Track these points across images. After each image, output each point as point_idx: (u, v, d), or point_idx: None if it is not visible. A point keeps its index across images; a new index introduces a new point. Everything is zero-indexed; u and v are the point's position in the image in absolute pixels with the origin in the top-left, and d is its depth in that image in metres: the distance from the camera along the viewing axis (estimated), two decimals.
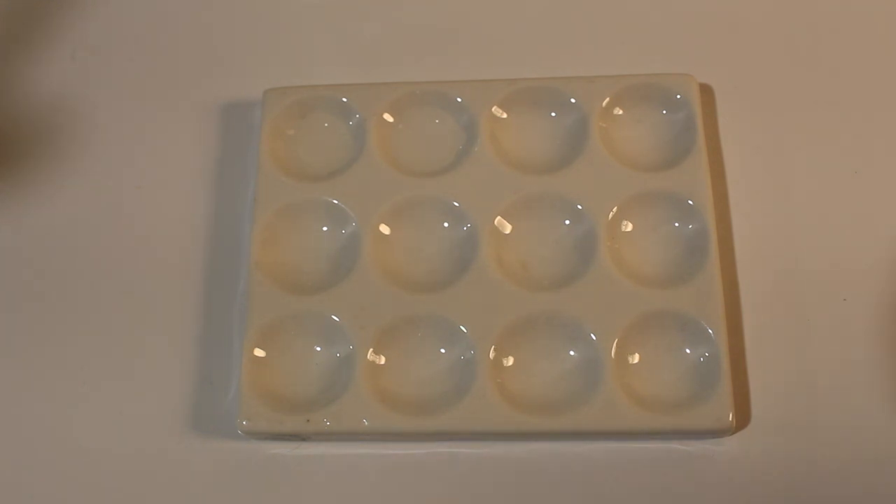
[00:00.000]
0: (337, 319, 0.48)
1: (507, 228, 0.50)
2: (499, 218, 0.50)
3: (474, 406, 0.46)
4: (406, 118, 0.53)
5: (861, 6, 0.55)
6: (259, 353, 0.48)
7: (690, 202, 0.49)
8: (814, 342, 0.48)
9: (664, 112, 0.52)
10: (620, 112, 0.52)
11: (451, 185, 0.50)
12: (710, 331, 0.46)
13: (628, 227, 0.50)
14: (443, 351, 0.48)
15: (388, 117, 0.52)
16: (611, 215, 0.49)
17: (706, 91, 0.53)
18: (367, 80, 0.53)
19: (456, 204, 0.50)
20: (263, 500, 0.47)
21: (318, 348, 0.48)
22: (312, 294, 0.49)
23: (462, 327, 0.47)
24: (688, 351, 0.47)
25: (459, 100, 0.52)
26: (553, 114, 0.52)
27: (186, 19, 0.57)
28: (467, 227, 0.50)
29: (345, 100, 0.53)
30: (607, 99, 0.51)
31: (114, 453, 0.48)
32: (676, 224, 0.50)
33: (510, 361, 0.47)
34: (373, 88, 0.53)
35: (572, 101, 0.52)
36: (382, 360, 0.48)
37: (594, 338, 0.47)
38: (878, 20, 0.55)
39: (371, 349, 0.47)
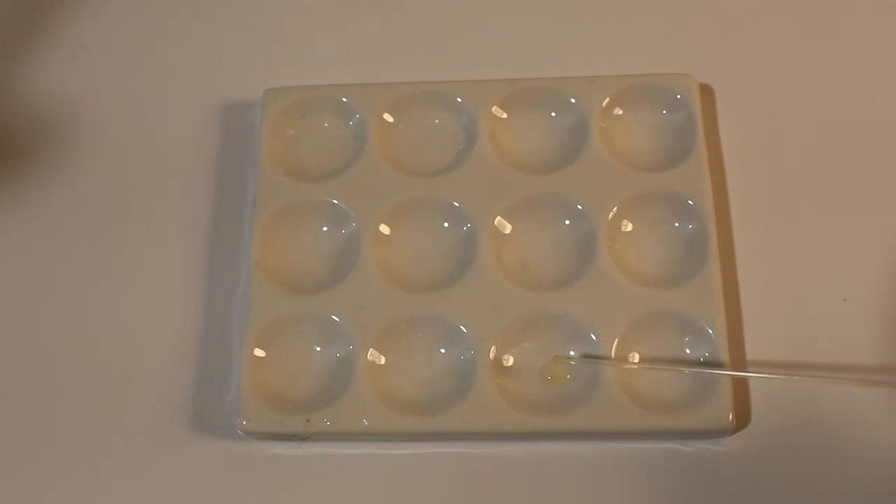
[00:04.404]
0: (337, 319, 0.48)
1: (507, 228, 0.50)
2: (499, 218, 0.50)
3: (474, 406, 0.46)
4: (406, 118, 0.53)
5: (861, 6, 0.55)
6: (259, 353, 0.48)
7: (690, 202, 0.49)
8: (814, 342, 0.48)
9: (664, 112, 0.52)
10: (620, 112, 0.52)
11: (451, 185, 0.50)
12: (710, 331, 0.46)
13: (628, 227, 0.50)
14: (443, 351, 0.48)
15: (388, 117, 0.52)
16: (611, 215, 0.49)
17: (706, 91, 0.53)
18: (367, 80, 0.53)
19: (456, 204, 0.50)
20: (263, 500, 0.47)
21: (318, 348, 0.48)
22: (312, 294, 0.49)
23: (462, 327, 0.47)
24: (688, 351, 0.47)
25: (459, 100, 0.52)
26: (553, 114, 0.52)
27: (186, 19, 0.57)
28: (467, 227, 0.50)
29: (345, 100, 0.53)
30: (607, 99, 0.52)
31: (114, 453, 0.48)
32: (676, 224, 0.50)
33: (510, 361, 0.47)
34: (373, 88, 0.53)
35: (572, 101, 0.52)
36: (382, 360, 0.48)
37: (594, 338, 0.47)
38: (878, 19, 0.55)
39: (371, 349, 0.47)
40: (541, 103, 0.52)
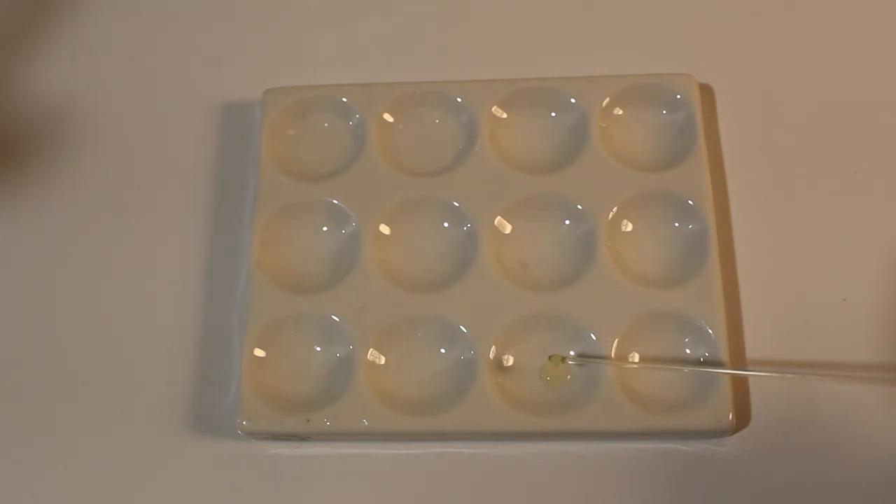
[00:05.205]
0: (337, 319, 0.48)
1: (507, 228, 0.50)
2: (499, 218, 0.50)
3: (474, 406, 0.46)
4: (406, 118, 0.53)
5: (861, 6, 0.55)
6: (259, 353, 0.48)
7: (690, 202, 0.49)
8: (814, 342, 0.48)
9: (664, 112, 0.52)
10: (620, 112, 0.52)
11: (451, 185, 0.50)
12: (710, 331, 0.46)
13: (628, 227, 0.50)
14: (443, 351, 0.48)
15: (388, 117, 0.52)
16: (611, 215, 0.49)
17: (706, 91, 0.53)
18: (367, 80, 0.53)
19: (456, 204, 0.50)
20: (263, 500, 0.47)
21: (318, 348, 0.48)
22: (312, 294, 0.49)
23: (462, 327, 0.47)
24: (688, 351, 0.47)
25: (459, 100, 0.52)
26: (553, 114, 0.52)
27: (186, 19, 0.57)
28: (467, 227, 0.50)
29: (345, 100, 0.53)
30: (607, 99, 0.52)
31: (114, 453, 0.48)
32: (676, 224, 0.50)
33: (510, 361, 0.47)
34: (373, 88, 0.53)
35: (572, 101, 0.52)
36: (382, 360, 0.48)
37: (594, 338, 0.47)
38: (878, 20, 0.55)
39: (371, 349, 0.47)
40: (541, 103, 0.52)
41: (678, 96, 0.51)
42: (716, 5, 0.56)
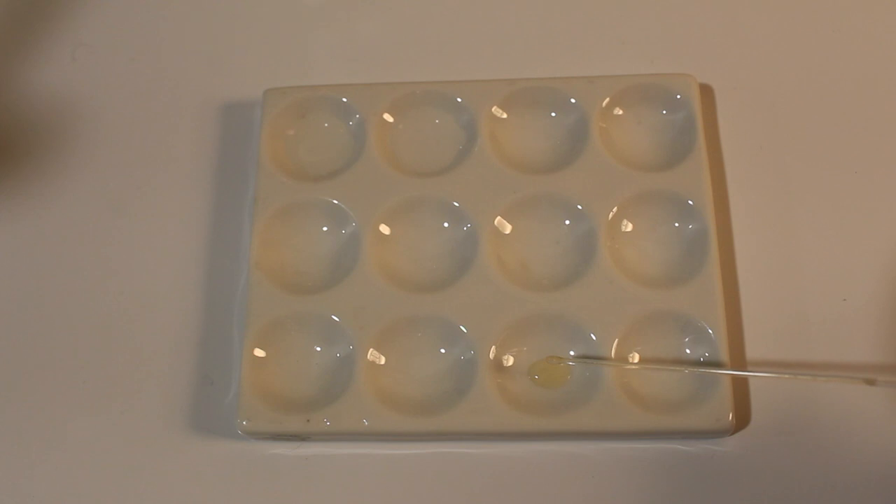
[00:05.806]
0: (337, 319, 0.48)
1: (507, 228, 0.50)
2: (499, 218, 0.50)
3: (474, 406, 0.46)
4: (406, 118, 0.53)
5: (861, 6, 0.55)
6: (259, 353, 0.48)
7: (690, 202, 0.49)
8: (814, 342, 0.48)
9: (664, 112, 0.52)
10: (620, 112, 0.52)
11: (451, 185, 0.50)
12: (710, 331, 0.46)
13: (628, 227, 0.50)
14: (443, 351, 0.48)
15: (388, 117, 0.52)
16: (611, 215, 0.49)
17: (706, 91, 0.53)
18: (367, 80, 0.53)
19: (456, 204, 0.50)
20: (263, 500, 0.47)
21: (318, 348, 0.48)
22: (312, 294, 0.49)
23: (462, 327, 0.47)
24: (688, 351, 0.47)
25: (459, 100, 0.52)
26: (553, 114, 0.52)
27: (186, 19, 0.57)
28: (467, 227, 0.50)
29: (345, 100, 0.53)
30: (607, 99, 0.52)
31: (114, 453, 0.48)
32: (676, 224, 0.50)
33: (510, 361, 0.47)
34: (373, 88, 0.53)
35: (572, 101, 0.52)
36: (382, 360, 0.48)
37: (594, 338, 0.47)
38: (878, 19, 0.55)
39: (371, 349, 0.47)
40: (541, 103, 0.52)
41: (678, 96, 0.51)
42: (716, 5, 0.56)
